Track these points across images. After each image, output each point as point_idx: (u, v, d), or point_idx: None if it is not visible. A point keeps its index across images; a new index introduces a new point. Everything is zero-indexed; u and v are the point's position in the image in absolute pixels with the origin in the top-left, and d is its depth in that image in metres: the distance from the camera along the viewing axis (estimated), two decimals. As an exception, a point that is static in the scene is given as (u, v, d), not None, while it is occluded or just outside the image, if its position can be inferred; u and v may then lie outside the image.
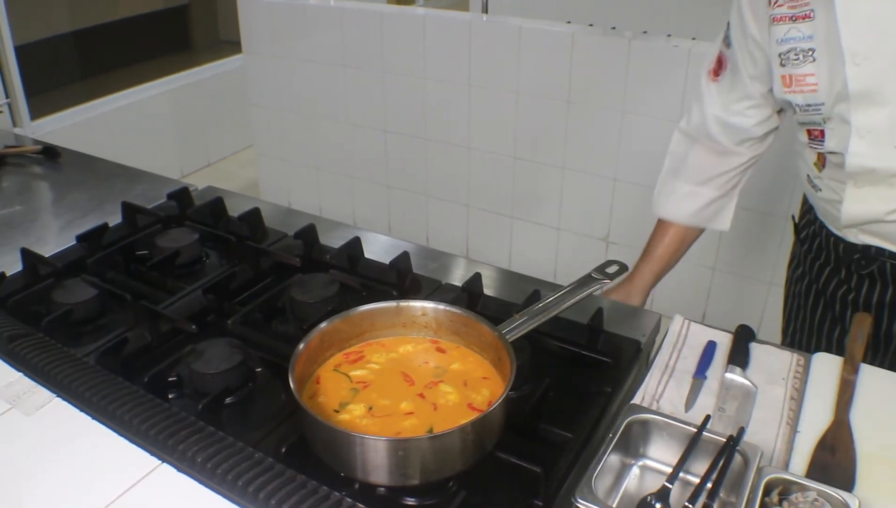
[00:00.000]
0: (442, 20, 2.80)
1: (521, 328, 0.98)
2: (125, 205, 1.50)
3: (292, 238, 1.42)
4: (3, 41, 3.28)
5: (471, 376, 0.97)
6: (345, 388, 0.95)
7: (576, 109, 2.65)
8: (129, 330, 1.16)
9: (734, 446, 0.86)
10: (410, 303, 1.03)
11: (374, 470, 0.83)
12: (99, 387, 0.92)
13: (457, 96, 2.85)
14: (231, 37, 3.76)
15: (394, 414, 0.90)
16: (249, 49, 3.31)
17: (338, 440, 0.84)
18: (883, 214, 1.13)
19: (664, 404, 1.01)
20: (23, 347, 1.00)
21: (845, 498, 0.80)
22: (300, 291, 1.21)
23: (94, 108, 3.77)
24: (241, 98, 3.58)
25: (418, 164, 3.08)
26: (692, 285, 2.67)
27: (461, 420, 0.84)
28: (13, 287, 1.26)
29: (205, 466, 0.81)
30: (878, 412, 0.98)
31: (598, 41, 2.53)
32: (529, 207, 2.92)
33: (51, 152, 1.86)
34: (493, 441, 0.88)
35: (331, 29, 3.02)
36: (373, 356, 1.01)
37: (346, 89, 3.11)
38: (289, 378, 0.88)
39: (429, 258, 1.39)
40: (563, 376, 1.06)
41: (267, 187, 3.59)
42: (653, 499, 0.82)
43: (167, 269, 1.32)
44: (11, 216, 1.58)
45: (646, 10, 3.81)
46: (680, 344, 1.13)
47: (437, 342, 1.03)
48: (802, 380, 1.05)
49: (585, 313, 1.15)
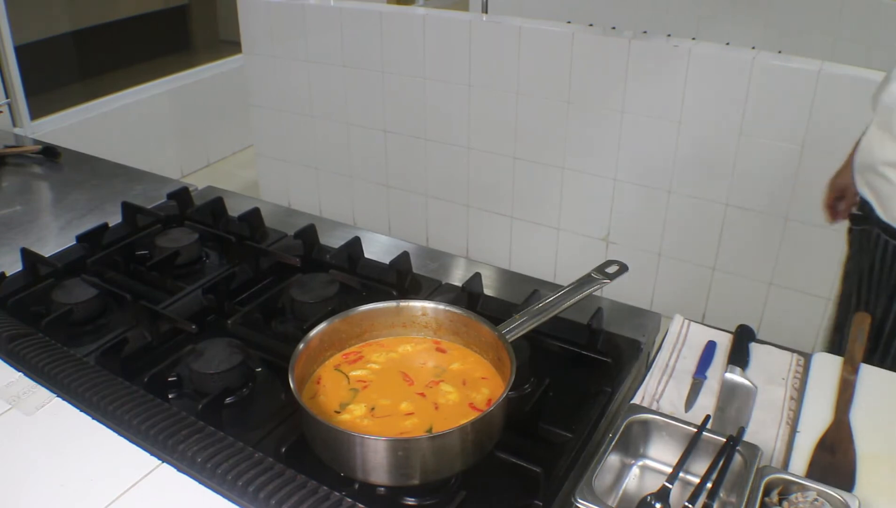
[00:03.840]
0: (442, 20, 2.80)
1: (521, 328, 0.98)
2: (125, 205, 1.50)
3: (292, 238, 1.42)
4: (3, 41, 3.28)
5: (470, 376, 0.97)
6: (345, 388, 0.95)
7: (576, 109, 2.65)
8: (129, 330, 1.16)
9: (734, 446, 0.86)
10: (410, 303, 1.03)
11: (374, 470, 0.83)
12: (99, 387, 0.92)
13: (457, 96, 2.85)
14: (231, 37, 3.75)
15: (394, 414, 0.90)
16: (249, 49, 3.31)
17: (338, 440, 0.84)
18: None
19: (664, 404, 1.01)
20: (23, 347, 1.00)
21: (845, 498, 0.80)
22: (300, 291, 1.21)
23: (94, 108, 3.77)
24: (241, 98, 3.58)
25: (418, 164, 3.08)
26: (692, 285, 2.67)
27: (462, 420, 0.84)
28: (13, 287, 1.26)
29: (205, 466, 0.81)
30: (878, 412, 0.98)
31: (598, 41, 2.53)
32: (529, 207, 2.92)
33: (51, 152, 1.86)
34: (493, 441, 0.87)
35: (331, 29, 3.02)
36: (372, 355, 1.01)
37: (346, 89, 3.11)
38: (289, 378, 0.88)
39: (429, 258, 1.39)
40: (563, 376, 1.06)
41: (267, 187, 3.59)
42: (653, 499, 0.82)
43: (167, 269, 1.32)
44: (11, 216, 1.58)
45: (646, 10, 3.82)
46: (680, 344, 1.13)
47: (437, 342, 1.03)
48: (802, 380, 1.05)
49: (585, 313, 1.15)
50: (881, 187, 1.26)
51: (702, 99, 2.41)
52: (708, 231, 2.57)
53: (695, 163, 2.50)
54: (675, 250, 2.67)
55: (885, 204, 1.25)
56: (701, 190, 2.53)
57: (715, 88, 2.38)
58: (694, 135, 2.46)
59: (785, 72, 2.23)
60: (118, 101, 3.88)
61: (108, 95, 3.86)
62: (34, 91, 3.48)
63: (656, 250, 2.69)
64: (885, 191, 1.25)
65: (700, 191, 2.53)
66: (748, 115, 2.33)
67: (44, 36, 3.96)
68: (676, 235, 2.64)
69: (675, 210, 2.60)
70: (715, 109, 2.40)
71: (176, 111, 4.14)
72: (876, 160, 1.25)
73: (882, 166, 1.24)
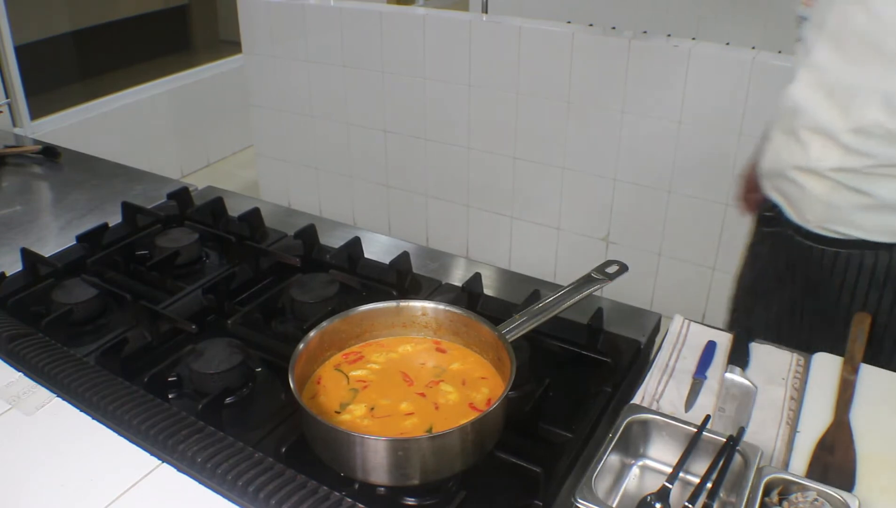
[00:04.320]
0: (442, 20, 2.80)
1: (521, 328, 0.98)
2: (125, 205, 1.50)
3: (292, 238, 1.42)
4: (3, 41, 3.28)
5: (470, 375, 0.97)
6: (345, 388, 0.95)
7: (576, 109, 2.65)
8: (129, 330, 1.16)
9: (734, 446, 0.86)
10: (410, 303, 1.03)
11: (374, 470, 0.83)
12: (99, 387, 0.92)
13: (457, 96, 2.85)
14: (231, 37, 3.75)
15: (394, 414, 0.90)
16: (249, 49, 3.31)
17: (338, 440, 0.84)
18: None
19: (664, 404, 1.01)
20: (23, 347, 1.00)
21: (845, 498, 0.80)
22: (300, 291, 1.21)
23: (94, 108, 3.77)
24: (241, 98, 3.58)
25: (418, 164, 3.08)
26: (692, 285, 2.67)
27: (462, 420, 0.84)
28: (13, 287, 1.26)
29: (205, 466, 0.81)
30: (878, 412, 0.98)
31: (598, 41, 2.53)
32: (529, 207, 2.92)
33: (51, 152, 1.86)
34: (493, 441, 0.87)
35: (330, 29, 3.02)
36: (372, 355, 1.01)
37: (346, 89, 3.11)
38: (289, 378, 0.88)
39: (429, 258, 1.39)
40: (563, 376, 1.06)
41: (267, 187, 3.59)
42: (653, 499, 0.82)
43: (167, 269, 1.32)
44: (11, 216, 1.58)
45: (646, 10, 3.81)
46: (680, 344, 1.13)
47: (437, 342, 1.03)
48: (802, 380, 1.05)
49: (585, 313, 1.15)
50: (792, 192, 1.25)
51: (702, 99, 2.41)
52: (708, 231, 2.57)
53: (695, 163, 2.50)
54: (675, 250, 2.67)
55: (797, 206, 1.25)
56: (701, 190, 2.53)
57: (715, 88, 2.38)
58: (694, 135, 2.46)
59: (785, 72, 2.22)
60: (118, 101, 3.88)
61: (108, 95, 3.86)
62: (34, 91, 3.48)
63: (656, 250, 2.69)
64: (796, 195, 1.24)
65: (700, 191, 2.53)
66: (748, 115, 2.33)
67: (44, 36, 3.96)
68: (676, 235, 2.64)
69: (675, 210, 2.60)
70: (715, 109, 2.39)
71: (176, 111, 4.14)
72: (785, 166, 1.25)
73: (791, 171, 1.23)
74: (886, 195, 1.15)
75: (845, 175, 1.17)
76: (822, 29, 1.17)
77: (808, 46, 1.21)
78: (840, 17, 1.14)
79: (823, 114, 1.17)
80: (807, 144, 1.20)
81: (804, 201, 1.23)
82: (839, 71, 1.15)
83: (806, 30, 1.23)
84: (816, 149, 1.18)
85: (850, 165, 1.16)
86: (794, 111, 1.22)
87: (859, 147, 1.14)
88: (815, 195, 1.21)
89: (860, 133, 1.13)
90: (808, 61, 1.20)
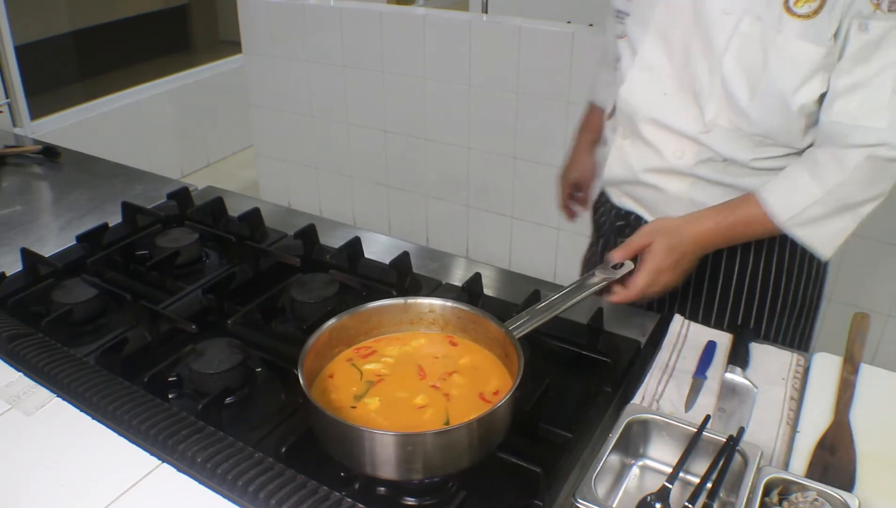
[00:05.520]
0: (442, 20, 2.80)
1: (527, 325, 0.99)
2: (125, 205, 1.50)
3: (292, 238, 1.42)
4: (3, 41, 3.28)
5: (480, 369, 0.98)
6: (359, 382, 0.95)
7: (575, 109, 2.64)
8: (129, 330, 1.16)
9: (734, 446, 0.86)
10: (418, 300, 1.04)
11: (383, 465, 0.83)
12: (99, 387, 0.92)
13: (457, 96, 2.85)
14: (231, 37, 3.76)
15: (409, 408, 0.91)
16: (249, 49, 3.31)
17: (347, 434, 0.84)
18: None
19: (664, 404, 1.01)
20: (23, 347, 1.00)
21: (845, 498, 0.80)
22: (300, 291, 1.21)
23: (94, 108, 3.77)
24: (241, 98, 3.58)
25: (418, 164, 3.08)
26: (692, 285, 2.67)
27: (475, 412, 0.84)
28: (13, 287, 1.26)
29: (205, 466, 0.81)
30: (878, 412, 0.99)
31: (598, 41, 2.53)
32: (529, 207, 2.92)
33: (51, 152, 1.86)
34: (499, 438, 0.88)
35: (330, 29, 3.02)
36: (386, 349, 1.01)
37: (346, 89, 3.10)
38: (298, 373, 0.88)
39: (429, 258, 1.39)
40: (563, 376, 1.06)
41: (267, 187, 3.59)
42: (653, 499, 0.82)
43: (167, 269, 1.32)
44: (11, 216, 1.58)
45: (646, 10, 3.80)
46: (680, 344, 1.13)
47: (449, 336, 1.04)
48: (802, 380, 1.05)
49: (585, 313, 1.15)
50: (648, 196, 1.22)
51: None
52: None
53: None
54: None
55: (658, 210, 1.21)
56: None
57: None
58: (694, 135, 2.46)
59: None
60: (118, 101, 3.88)
61: (108, 95, 3.86)
62: (34, 91, 3.48)
63: (656, 250, 2.68)
64: (654, 198, 1.21)
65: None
66: (748, 115, 2.33)
67: (44, 36, 3.97)
68: (676, 235, 2.64)
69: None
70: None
71: (176, 111, 4.14)
72: (636, 171, 1.20)
73: (644, 175, 1.19)
74: (748, 183, 1.13)
75: (705, 169, 1.14)
76: (648, 26, 1.13)
77: (633, 45, 1.17)
78: (666, 13, 1.10)
79: (669, 114, 1.14)
80: (658, 146, 1.16)
81: (665, 202, 1.20)
82: (673, 69, 1.12)
83: (629, 26, 1.19)
84: (671, 148, 1.15)
85: (708, 157, 1.13)
86: (632, 115, 1.18)
87: (710, 143, 1.12)
88: (676, 194, 1.18)
89: (711, 129, 1.10)
90: (639, 62, 1.16)
